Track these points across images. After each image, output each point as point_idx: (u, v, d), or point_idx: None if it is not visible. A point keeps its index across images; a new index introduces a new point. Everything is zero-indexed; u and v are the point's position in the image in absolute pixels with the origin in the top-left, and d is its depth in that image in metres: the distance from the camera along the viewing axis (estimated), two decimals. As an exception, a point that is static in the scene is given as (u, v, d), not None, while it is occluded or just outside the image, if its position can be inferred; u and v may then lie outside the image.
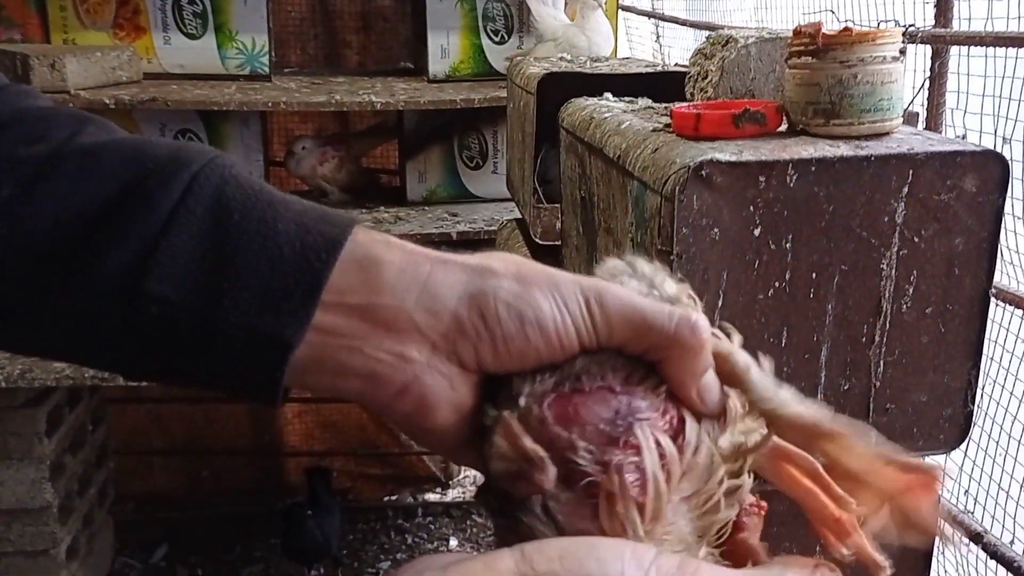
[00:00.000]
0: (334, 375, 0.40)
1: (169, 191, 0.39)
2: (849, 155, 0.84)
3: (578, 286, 0.41)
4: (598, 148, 1.03)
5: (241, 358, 0.39)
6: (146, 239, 0.38)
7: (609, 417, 0.39)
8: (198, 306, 0.38)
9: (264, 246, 0.39)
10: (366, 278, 0.40)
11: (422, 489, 2.82)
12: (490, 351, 0.40)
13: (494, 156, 2.25)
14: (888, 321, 0.90)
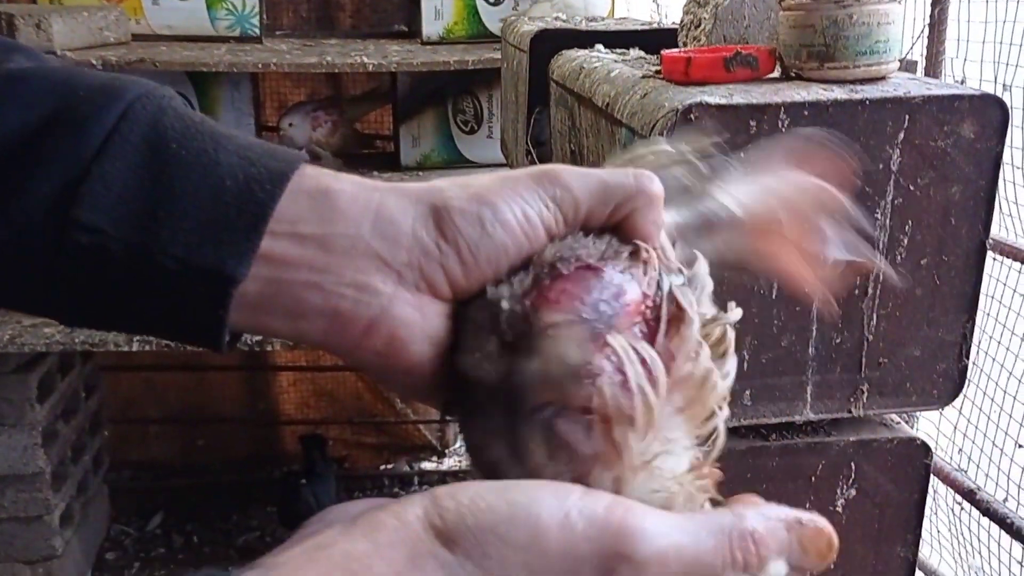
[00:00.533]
0: (293, 317, 0.38)
1: (102, 118, 0.36)
2: (843, 99, 0.81)
3: (527, 175, 0.39)
4: (587, 98, 1.01)
5: (181, 295, 0.37)
6: (76, 166, 0.36)
7: (596, 298, 0.37)
8: (133, 238, 0.36)
9: (205, 177, 0.37)
10: (317, 207, 0.37)
11: (418, 458, 2.82)
12: (458, 265, 0.38)
13: (489, 120, 2.22)
14: (882, 273, 0.88)
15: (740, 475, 0.95)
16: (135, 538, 2.50)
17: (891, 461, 0.94)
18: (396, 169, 2.21)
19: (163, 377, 2.59)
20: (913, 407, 0.94)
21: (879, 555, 0.97)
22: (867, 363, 0.91)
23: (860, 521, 0.95)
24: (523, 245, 0.38)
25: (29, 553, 2.12)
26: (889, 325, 0.90)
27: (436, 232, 0.38)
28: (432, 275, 0.38)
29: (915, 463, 0.94)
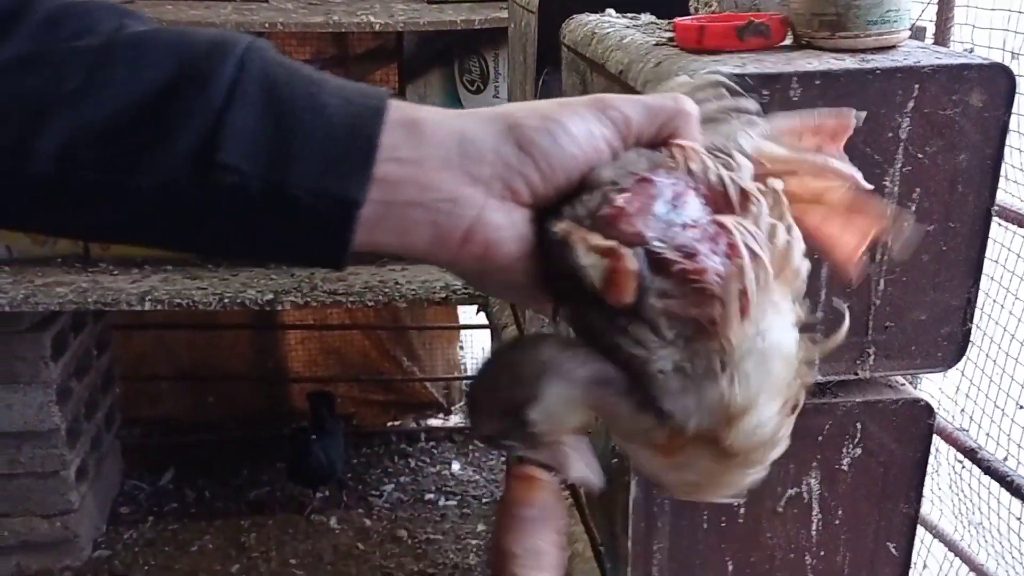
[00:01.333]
0: (400, 233, 0.43)
1: (222, 70, 0.41)
2: (854, 68, 0.83)
3: (583, 100, 0.45)
4: (600, 64, 1.02)
5: (313, 221, 0.42)
6: (210, 117, 0.41)
7: (662, 203, 0.42)
8: (268, 175, 0.41)
9: (315, 118, 0.42)
10: (411, 135, 0.43)
11: (424, 415, 2.86)
12: (536, 173, 0.44)
13: (495, 80, 2.22)
14: (890, 239, 0.90)
15: (747, 435, 0.98)
16: (148, 493, 2.55)
17: (896, 421, 0.96)
18: (403, 129, 2.21)
19: (173, 335, 2.62)
20: (918, 369, 0.97)
21: (883, 511, 1.00)
22: (874, 326, 0.93)
23: (865, 479, 0.98)
24: (590, 156, 0.44)
25: (46, 507, 2.17)
26: (895, 290, 0.92)
27: (514, 146, 0.43)
28: (514, 184, 0.44)
29: (919, 423, 0.97)
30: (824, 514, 1.01)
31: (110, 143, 0.41)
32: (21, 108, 0.40)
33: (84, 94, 0.40)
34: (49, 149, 0.40)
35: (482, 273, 0.45)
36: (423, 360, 2.79)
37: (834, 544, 1.02)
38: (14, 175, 0.41)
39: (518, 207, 0.44)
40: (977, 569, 1.19)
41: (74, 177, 0.41)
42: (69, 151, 0.41)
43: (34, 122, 0.40)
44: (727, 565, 1.02)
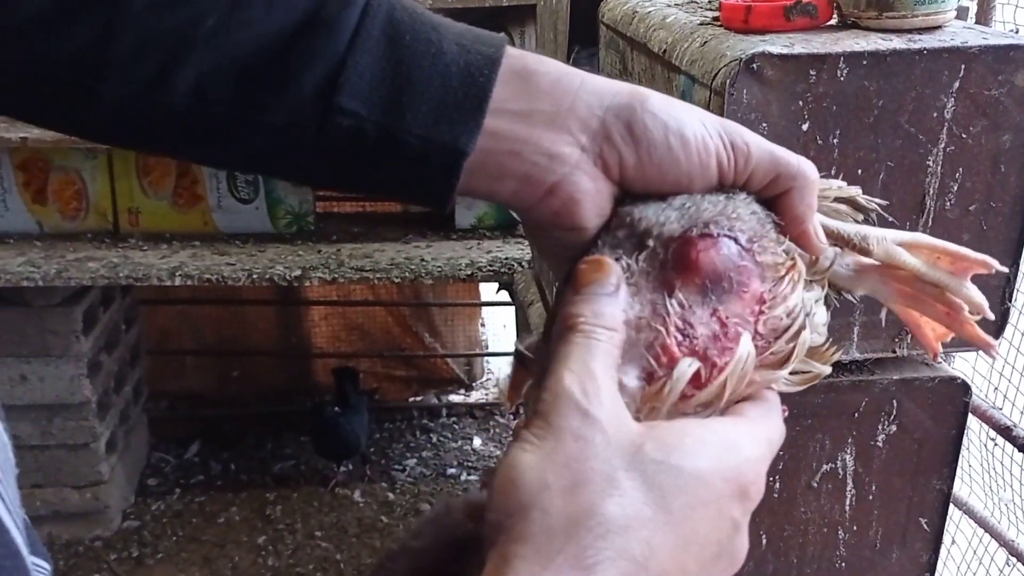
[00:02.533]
0: (492, 179, 0.44)
1: (349, 15, 0.43)
2: (901, 48, 0.83)
3: (717, 117, 0.45)
4: (641, 43, 1.02)
5: (421, 166, 0.44)
6: (333, 59, 0.42)
7: (719, 275, 0.41)
8: (382, 120, 0.43)
9: (433, 65, 0.43)
10: (524, 87, 0.43)
11: (446, 391, 2.88)
12: (633, 156, 0.44)
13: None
14: (931, 218, 0.90)
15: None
16: (174, 465, 2.59)
17: (931, 399, 0.98)
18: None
19: (199, 310, 2.65)
20: (954, 348, 0.98)
21: (916, 487, 1.02)
22: (912, 305, 0.94)
23: (899, 455, 1.00)
24: (694, 166, 0.44)
25: (77, 479, 2.21)
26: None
27: (624, 125, 0.43)
28: (608, 158, 0.44)
29: (954, 401, 0.98)
30: (858, 489, 1.03)
31: (241, 80, 0.43)
32: (163, 42, 0.43)
33: (220, 33, 0.43)
34: (187, 82, 0.43)
35: (552, 227, 0.45)
36: (445, 336, 2.82)
37: (867, 519, 1.04)
38: (154, 104, 0.43)
39: (606, 179, 0.44)
40: (1007, 545, 1.21)
41: (206, 110, 0.43)
42: (203, 86, 0.43)
43: (174, 56, 0.43)
44: (761, 538, 1.04)
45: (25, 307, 2.07)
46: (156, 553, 2.25)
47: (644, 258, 0.42)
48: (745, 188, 0.45)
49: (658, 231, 0.42)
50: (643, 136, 0.43)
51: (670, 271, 0.41)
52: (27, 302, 2.06)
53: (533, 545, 0.34)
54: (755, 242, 0.42)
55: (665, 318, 0.40)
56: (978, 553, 1.32)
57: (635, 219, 0.43)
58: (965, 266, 0.50)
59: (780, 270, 0.43)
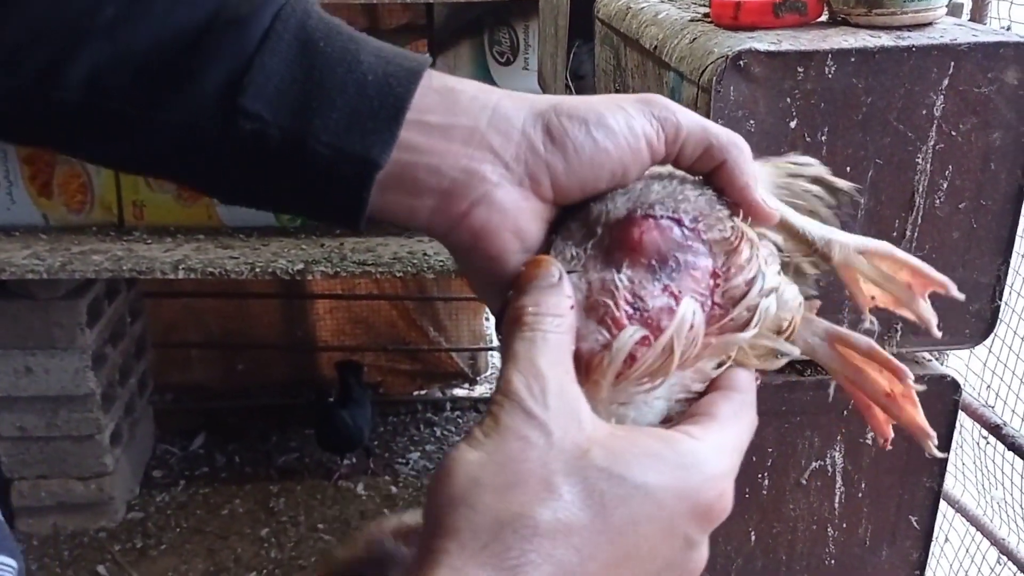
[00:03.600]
0: (411, 194, 0.42)
1: (259, 17, 0.41)
2: (890, 45, 0.83)
3: (634, 96, 0.43)
4: (634, 39, 1.02)
5: (330, 178, 0.41)
6: (240, 59, 0.40)
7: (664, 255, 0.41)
8: (289, 126, 0.40)
9: (349, 72, 0.41)
10: (443, 101, 0.42)
11: (450, 384, 2.89)
12: (561, 163, 0.42)
13: (525, 51, 2.22)
14: (920, 216, 0.90)
15: (775, 408, 0.99)
16: (179, 457, 2.60)
17: (921, 397, 0.97)
18: (432, 101, 2.22)
19: (203, 303, 2.66)
20: (946, 346, 0.98)
21: (906, 485, 1.02)
22: (902, 303, 0.94)
23: (889, 453, 1.00)
24: (624, 152, 0.42)
25: (82, 470, 2.23)
26: (925, 267, 0.92)
27: (544, 131, 0.42)
28: (536, 171, 0.42)
29: (945, 399, 0.98)
30: (847, 487, 1.03)
31: (139, 76, 0.40)
32: (56, 32, 0.40)
33: (119, 24, 0.40)
34: (79, 75, 0.40)
35: (472, 252, 0.43)
36: (449, 331, 2.82)
37: (856, 516, 1.04)
38: (44, 97, 0.41)
39: (532, 197, 0.42)
40: (999, 544, 1.21)
41: (100, 105, 0.41)
42: (98, 79, 0.41)
43: (67, 47, 0.40)
44: (750, 535, 1.04)
45: (30, 299, 2.09)
46: (160, 544, 2.27)
47: (592, 244, 0.42)
48: (679, 162, 0.44)
49: (605, 218, 0.42)
50: (565, 139, 0.42)
51: (615, 252, 0.41)
52: (32, 295, 2.08)
53: (458, 540, 0.34)
54: (700, 221, 0.42)
55: (614, 292, 0.40)
56: (970, 551, 1.32)
57: (589, 210, 0.43)
58: (924, 283, 0.50)
59: (731, 244, 0.42)
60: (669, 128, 0.43)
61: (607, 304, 0.40)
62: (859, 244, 0.49)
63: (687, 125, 0.43)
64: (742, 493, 1.01)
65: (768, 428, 0.98)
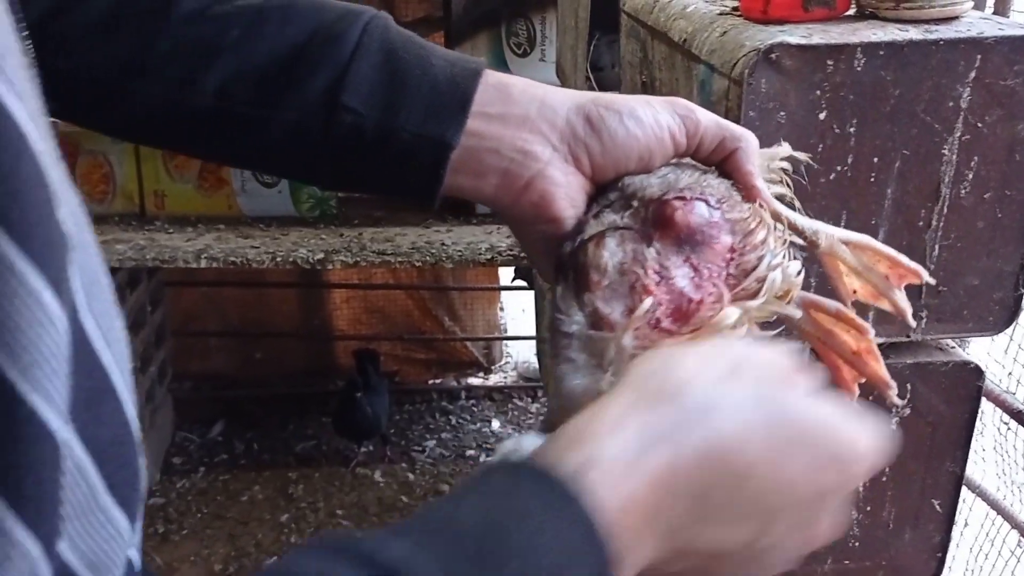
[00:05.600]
0: (476, 175, 0.51)
1: (350, 32, 0.50)
2: (918, 39, 0.85)
3: (662, 98, 0.52)
4: (662, 32, 1.04)
5: (413, 158, 0.50)
6: (338, 67, 0.50)
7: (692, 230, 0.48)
8: (380, 118, 0.50)
9: (424, 75, 0.51)
10: (500, 95, 0.51)
11: (465, 373, 2.91)
12: (598, 145, 0.51)
13: (542, 43, 2.23)
14: (946, 206, 0.92)
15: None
16: (198, 444, 2.63)
17: (945, 383, 1.00)
18: (450, 92, 2.24)
19: (223, 293, 2.69)
20: (969, 333, 1.00)
21: (929, 470, 1.04)
22: (927, 291, 0.96)
23: (913, 438, 1.02)
24: (651, 140, 0.50)
25: (105, 456, 2.25)
26: (950, 255, 0.94)
27: (584, 119, 0.51)
28: (577, 152, 0.51)
29: (968, 385, 1.00)
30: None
31: (259, 83, 0.50)
32: (194, 48, 0.50)
33: (243, 42, 0.50)
34: (212, 84, 0.49)
35: (533, 220, 0.51)
36: (464, 320, 2.84)
37: (880, 500, 1.06)
38: (183, 103, 0.50)
39: (577, 173, 0.51)
40: (1019, 527, 1.23)
41: (229, 109, 0.50)
42: (227, 87, 0.49)
43: (204, 61, 0.50)
44: (776, 518, 1.06)
45: (55, 288, 2.11)
46: (181, 529, 2.30)
47: (629, 215, 0.49)
48: (698, 153, 0.52)
49: (641, 193, 0.49)
50: (602, 125, 0.50)
51: (650, 227, 0.48)
52: (56, 284, 2.10)
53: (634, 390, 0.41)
54: (723, 202, 0.50)
55: (644, 263, 0.47)
56: (990, 535, 1.34)
57: (624, 184, 0.51)
58: (901, 272, 0.56)
59: (749, 224, 0.49)
60: (690, 124, 0.51)
61: (637, 274, 0.47)
62: (843, 235, 0.55)
63: (705, 121, 0.51)
64: (768, 477, 1.03)
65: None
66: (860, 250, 0.55)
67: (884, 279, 0.55)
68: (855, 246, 0.55)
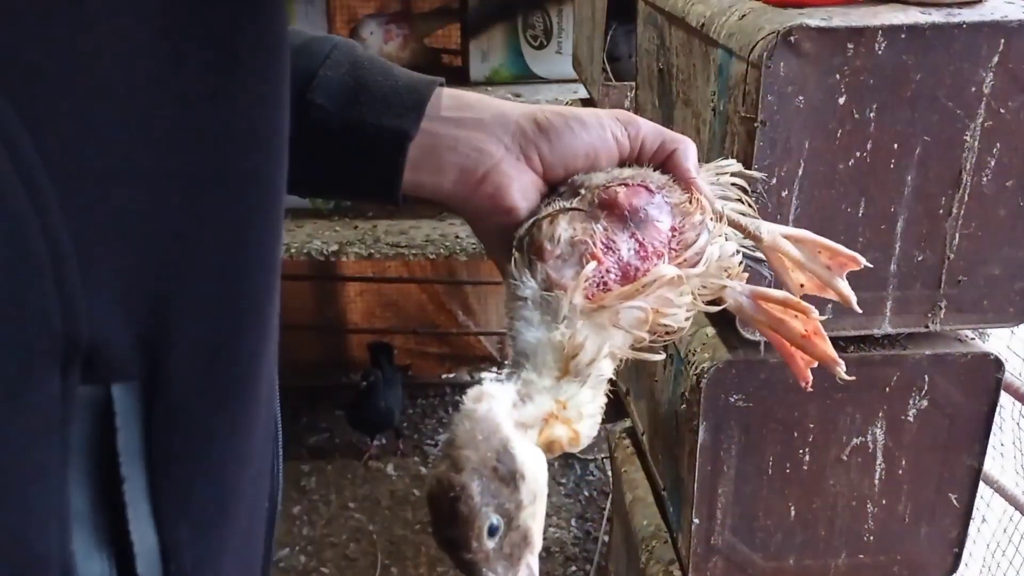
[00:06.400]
0: (435, 171, 0.56)
1: (322, 48, 0.57)
2: (941, 22, 0.83)
3: (611, 111, 0.58)
4: (680, 17, 1.03)
5: (374, 148, 0.55)
6: (309, 74, 0.56)
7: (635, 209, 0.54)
8: (345, 113, 0.56)
9: (386, 80, 0.57)
10: (457, 103, 0.57)
11: (479, 368, 2.90)
12: (546, 144, 0.56)
13: (558, 35, 2.22)
14: (967, 193, 0.91)
15: (816, 384, 1.00)
16: (212, 436, 2.64)
17: (963, 375, 0.98)
18: (465, 84, 2.23)
19: (237, 285, 2.69)
20: (989, 324, 0.98)
21: (946, 463, 1.02)
22: (947, 280, 0.94)
23: (930, 430, 1.01)
24: (595, 138, 0.56)
25: (119, 446, 2.26)
26: (971, 244, 0.93)
27: (533, 123, 0.57)
28: (528, 151, 0.56)
29: (987, 377, 0.98)
30: (888, 463, 1.04)
31: None
32: None
33: None
34: None
35: (489, 211, 0.56)
36: (477, 314, 2.84)
37: (896, 493, 1.05)
38: None
39: (528, 170, 0.57)
40: (1037, 523, 1.21)
41: None
42: None
43: None
44: (790, 510, 1.05)
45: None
46: (194, 520, 2.31)
47: (578, 200, 0.54)
48: (641, 157, 0.57)
49: (589, 183, 0.55)
50: (550, 126, 0.56)
51: (596, 208, 0.54)
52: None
53: None
54: (663, 189, 0.56)
55: (592, 235, 0.53)
56: (1008, 531, 1.33)
57: (573, 179, 0.57)
58: (842, 261, 0.59)
59: (687, 207, 0.56)
60: (631, 128, 0.57)
61: (586, 243, 0.52)
62: (783, 230, 0.60)
63: (645, 125, 0.58)
64: (783, 468, 1.02)
65: (810, 404, 0.99)
66: (801, 243, 0.60)
67: (826, 269, 0.60)
68: (796, 240, 0.60)
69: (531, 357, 0.52)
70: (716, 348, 0.99)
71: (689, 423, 1.01)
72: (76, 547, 0.35)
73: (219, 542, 0.41)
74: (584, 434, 0.52)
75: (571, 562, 2.19)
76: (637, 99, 1.29)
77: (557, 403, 0.52)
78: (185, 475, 0.39)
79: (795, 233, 0.60)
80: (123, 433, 0.37)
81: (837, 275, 0.60)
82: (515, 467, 0.48)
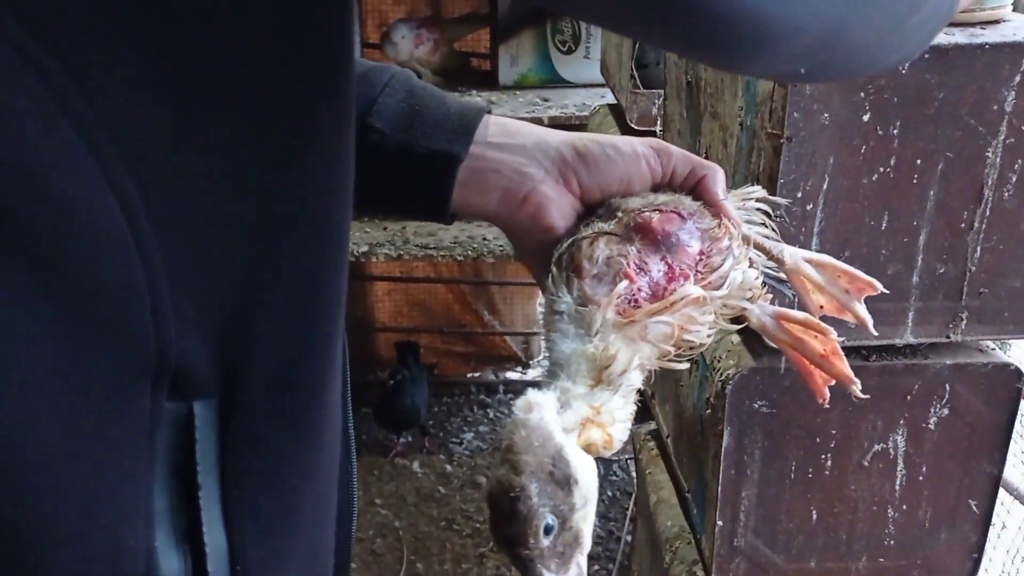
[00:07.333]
0: (481, 192, 0.61)
1: (382, 76, 0.63)
2: (964, 43, 0.86)
3: (646, 138, 0.62)
4: (708, 33, 1.06)
5: (426, 168, 0.60)
6: (369, 100, 0.62)
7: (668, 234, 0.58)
8: (400, 137, 0.61)
9: (438, 108, 0.62)
10: (502, 130, 0.63)
11: (504, 368, 2.94)
12: (584, 169, 0.61)
13: (587, 41, 2.25)
14: (989, 208, 0.93)
15: (837, 392, 1.02)
16: (242, 431, 2.69)
17: (984, 384, 1.00)
18: (494, 88, 2.27)
19: (267, 283, 2.74)
20: (1010, 335, 1.00)
21: (967, 471, 1.04)
22: (968, 292, 0.96)
23: (951, 438, 1.03)
24: (629, 165, 0.61)
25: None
26: (992, 257, 0.95)
27: (572, 149, 0.61)
28: (567, 175, 0.61)
29: (1007, 386, 1.00)
30: (908, 470, 1.06)
31: None
32: None
33: None
34: None
35: (530, 229, 0.61)
36: (503, 314, 2.87)
37: (917, 499, 1.07)
38: None
39: (567, 192, 0.61)
40: (1056, 531, 1.22)
41: None
42: None
43: None
44: (811, 514, 1.08)
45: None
46: (225, 514, 2.36)
47: (615, 223, 0.59)
48: (672, 181, 0.62)
49: (625, 207, 0.60)
50: (587, 152, 0.61)
51: (631, 231, 0.58)
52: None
53: None
54: (694, 215, 0.60)
55: (627, 256, 0.57)
56: (1027, 538, 1.34)
57: (610, 203, 0.61)
58: (860, 286, 0.63)
59: (716, 232, 0.59)
60: (663, 155, 0.62)
61: (621, 263, 0.56)
62: (805, 255, 0.64)
63: (676, 153, 0.62)
64: (805, 473, 1.05)
65: (832, 411, 1.02)
66: (822, 267, 0.63)
67: (845, 293, 0.63)
68: (817, 264, 0.64)
69: (566, 367, 0.56)
70: (741, 355, 1.02)
71: (714, 428, 1.04)
72: (158, 543, 0.39)
73: (284, 549, 0.45)
74: (617, 438, 0.56)
75: (594, 561, 2.23)
76: (666, 109, 1.32)
77: (592, 408, 0.56)
78: (253, 486, 0.43)
79: (816, 258, 0.64)
80: (201, 445, 0.41)
81: (855, 299, 0.63)
82: (569, 472, 0.52)
